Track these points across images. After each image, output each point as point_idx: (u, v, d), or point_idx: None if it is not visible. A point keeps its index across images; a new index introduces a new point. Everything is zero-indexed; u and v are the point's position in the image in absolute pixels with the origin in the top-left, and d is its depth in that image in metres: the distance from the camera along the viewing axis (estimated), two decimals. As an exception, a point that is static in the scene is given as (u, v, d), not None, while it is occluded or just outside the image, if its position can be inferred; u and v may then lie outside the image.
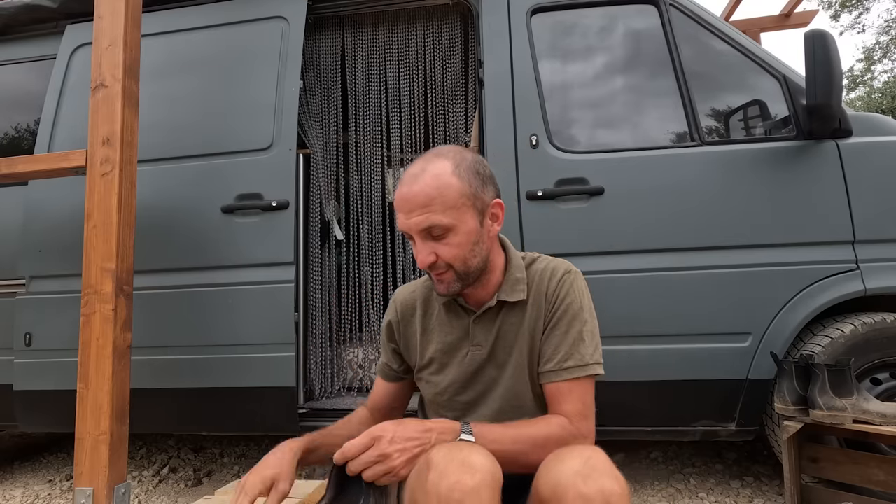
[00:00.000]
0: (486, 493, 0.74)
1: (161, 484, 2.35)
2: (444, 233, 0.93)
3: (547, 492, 0.78)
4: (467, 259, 0.95)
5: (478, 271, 0.98)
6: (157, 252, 2.09)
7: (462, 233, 0.94)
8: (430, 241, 0.94)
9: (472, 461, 0.77)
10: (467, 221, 0.94)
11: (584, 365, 0.96)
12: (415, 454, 0.82)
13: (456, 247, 0.94)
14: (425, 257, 0.93)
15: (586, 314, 1.00)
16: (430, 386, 1.08)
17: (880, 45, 15.29)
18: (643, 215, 1.89)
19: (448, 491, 0.74)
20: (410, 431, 0.84)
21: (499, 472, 0.79)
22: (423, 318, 1.11)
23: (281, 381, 2.01)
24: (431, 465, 0.78)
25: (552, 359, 0.98)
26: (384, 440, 0.82)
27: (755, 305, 1.82)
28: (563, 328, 0.99)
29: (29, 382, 2.13)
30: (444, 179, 0.92)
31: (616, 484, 0.74)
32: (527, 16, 2.09)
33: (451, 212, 0.92)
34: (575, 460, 0.78)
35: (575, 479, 0.75)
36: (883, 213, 1.81)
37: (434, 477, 0.76)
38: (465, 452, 0.79)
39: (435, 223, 0.91)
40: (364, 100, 2.54)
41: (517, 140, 1.99)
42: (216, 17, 2.28)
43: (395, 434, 0.83)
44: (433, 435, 0.85)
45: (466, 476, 0.74)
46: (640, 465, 2.29)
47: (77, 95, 2.28)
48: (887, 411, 1.55)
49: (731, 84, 1.98)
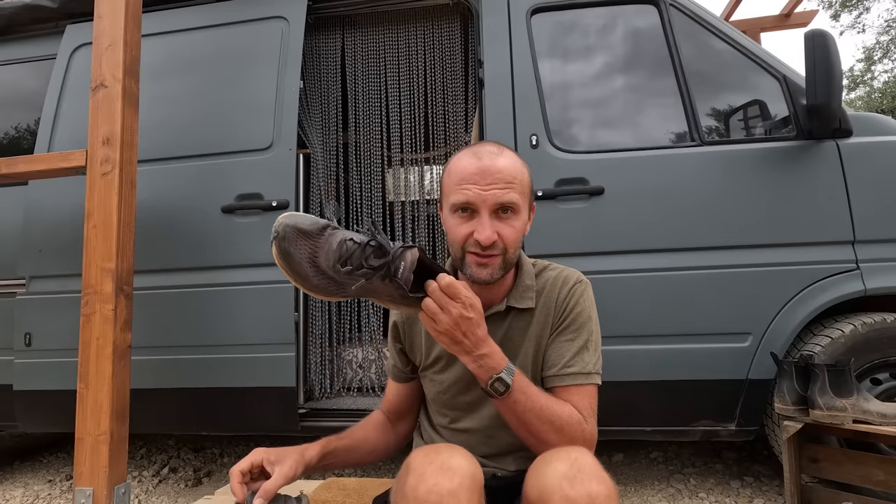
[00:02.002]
0: (465, 496, 0.74)
1: (161, 484, 2.35)
2: (512, 215, 0.94)
3: (534, 495, 0.78)
4: (517, 247, 0.97)
5: (513, 264, 1.00)
6: (157, 252, 2.09)
7: (521, 220, 0.96)
8: (495, 219, 0.94)
9: (451, 464, 0.77)
10: (525, 212, 0.98)
11: (586, 373, 0.97)
12: (455, 341, 0.85)
13: (516, 231, 0.95)
14: (491, 233, 0.92)
15: (593, 325, 1.02)
16: (434, 384, 1.08)
17: (880, 45, 15.29)
18: (643, 215, 1.89)
19: (426, 494, 0.74)
20: (473, 332, 0.85)
21: (479, 473, 0.79)
22: None
23: (281, 381, 2.01)
24: (410, 468, 0.78)
25: (556, 364, 0.99)
26: (458, 314, 0.83)
27: (755, 305, 1.82)
28: (569, 335, 1.00)
29: (29, 382, 2.13)
30: (520, 166, 0.96)
31: (602, 486, 0.74)
32: (527, 16, 2.09)
33: (523, 197, 0.95)
34: (561, 463, 0.78)
35: (561, 483, 0.75)
36: (883, 213, 1.81)
37: (412, 481, 0.76)
38: (443, 455, 0.79)
39: (513, 201, 0.93)
40: (364, 100, 2.54)
41: (517, 140, 1.99)
42: (216, 17, 2.28)
43: (466, 322, 0.84)
44: (482, 348, 0.86)
45: (444, 479, 0.75)
46: (640, 465, 2.29)
47: (77, 95, 2.27)
48: (887, 411, 1.55)
49: (731, 84, 1.98)
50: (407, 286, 0.84)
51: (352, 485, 1.48)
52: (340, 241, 0.83)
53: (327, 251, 0.82)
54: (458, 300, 0.83)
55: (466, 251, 0.95)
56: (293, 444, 1.00)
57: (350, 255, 0.82)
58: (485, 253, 0.93)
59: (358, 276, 0.82)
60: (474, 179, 0.92)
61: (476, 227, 0.92)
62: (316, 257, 0.82)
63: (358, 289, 0.84)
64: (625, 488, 2.07)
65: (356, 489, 1.40)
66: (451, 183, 0.96)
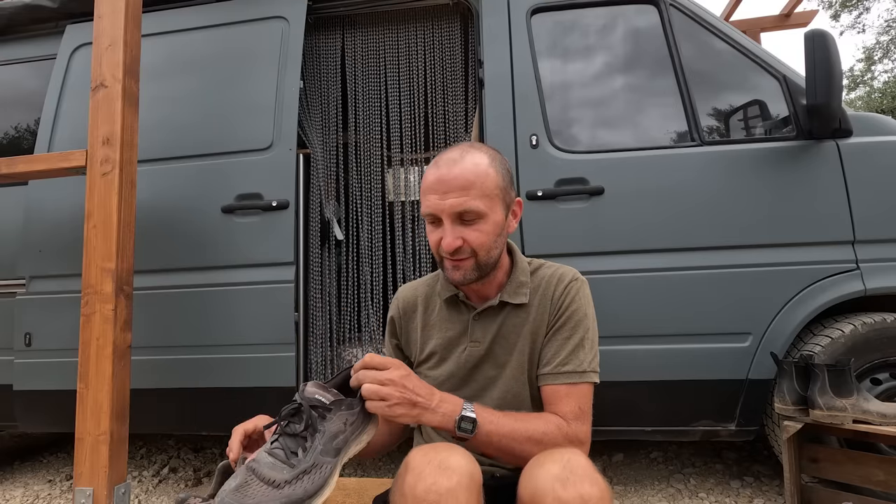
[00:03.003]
0: (463, 495, 0.75)
1: (161, 484, 2.35)
2: (476, 219, 0.95)
3: (527, 497, 0.78)
4: (490, 248, 0.98)
5: (493, 263, 1.01)
6: (157, 252, 2.09)
7: (491, 222, 0.97)
8: (459, 225, 0.95)
9: (450, 463, 0.77)
10: (497, 212, 0.98)
11: (581, 371, 0.97)
12: (412, 403, 0.85)
13: (484, 234, 0.96)
14: (453, 241, 0.94)
15: (589, 322, 1.02)
16: (429, 381, 1.08)
17: (880, 45, 15.30)
18: (643, 215, 1.89)
19: (424, 493, 0.74)
20: (421, 387, 0.87)
21: (478, 472, 0.79)
22: (424, 315, 1.12)
23: (281, 381, 2.01)
24: (409, 467, 0.79)
25: (551, 362, 0.99)
26: (398, 376, 0.85)
27: (755, 305, 1.82)
28: (565, 333, 1.00)
29: (29, 382, 2.13)
30: (483, 168, 0.96)
31: (595, 488, 0.75)
32: (527, 16, 2.09)
33: (486, 200, 0.95)
34: (554, 465, 0.78)
35: (553, 484, 0.75)
36: (883, 213, 1.81)
37: (411, 479, 0.77)
38: (442, 454, 0.79)
39: (471, 208, 0.94)
40: (364, 100, 2.54)
41: (517, 140, 1.99)
42: (216, 17, 2.28)
43: (409, 379, 0.86)
44: (436, 397, 0.88)
45: (443, 478, 0.75)
46: (640, 465, 2.29)
47: (77, 95, 2.27)
48: (887, 411, 1.55)
49: (731, 84, 1.98)
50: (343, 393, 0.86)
51: (352, 485, 1.48)
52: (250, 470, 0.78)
53: (266, 469, 0.77)
54: (385, 367, 0.86)
55: (441, 256, 0.99)
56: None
57: (282, 445, 0.79)
58: (454, 258, 0.97)
59: (314, 442, 0.80)
60: (434, 188, 0.95)
61: (442, 234, 0.96)
62: (271, 481, 0.75)
63: (328, 446, 0.80)
64: (625, 488, 2.07)
65: (356, 489, 1.40)
66: (421, 193, 0.99)
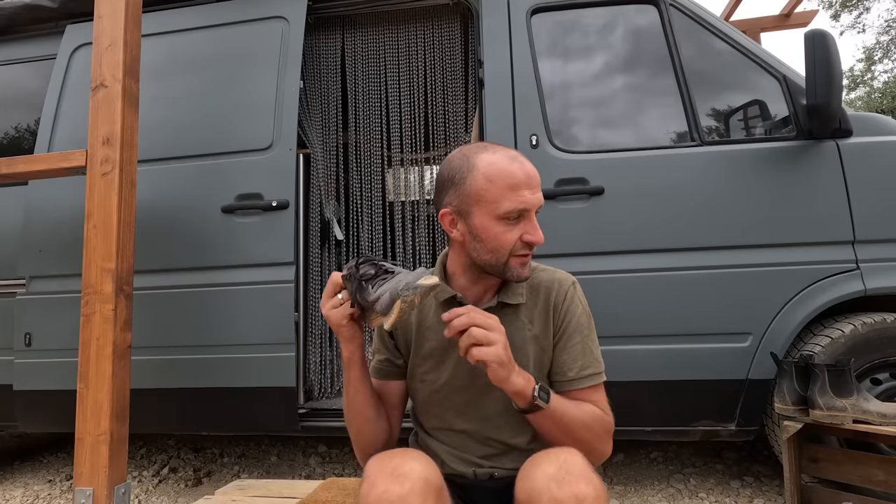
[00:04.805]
0: (416, 501, 0.75)
1: (161, 484, 2.35)
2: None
3: (523, 497, 0.79)
4: None
5: None
6: (157, 252, 2.09)
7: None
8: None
9: (403, 469, 0.78)
10: None
11: (600, 372, 1.01)
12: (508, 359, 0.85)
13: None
14: (542, 234, 0.96)
15: (591, 321, 1.05)
16: (426, 384, 1.06)
17: (880, 45, 15.28)
18: (643, 215, 1.89)
19: (376, 500, 0.76)
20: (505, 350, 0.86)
21: (434, 477, 0.80)
22: (419, 316, 1.11)
23: (281, 381, 2.01)
24: (365, 475, 0.80)
25: (572, 368, 1.00)
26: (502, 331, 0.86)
27: (755, 305, 1.82)
28: (577, 339, 1.02)
29: (29, 382, 2.13)
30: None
31: (590, 488, 0.75)
32: (527, 16, 2.09)
33: None
34: (550, 464, 0.78)
35: (549, 484, 0.75)
36: (883, 213, 1.81)
37: (365, 488, 0.78)
38: (395, 461, 0.80)
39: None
40: (364, 100, 2.54)
41: (517, 140, 1.99)
42: (216, 17, 2.28)
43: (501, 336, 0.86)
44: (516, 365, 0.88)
45: (394, 485, 0.76)
46: (640, 465, 2.29)
47: (77, 95, 2.27)
48: (887, 411, 1.55)
49: (731, 84, 1.98)
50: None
51: (352, 485, 1.48)
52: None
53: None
54: (489, 319, 0.85)
55: (513, 255, 0.95)
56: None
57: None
58: (528, 252, 0.97)
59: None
60: (527, 184, 0.93)
61: (524, 229, 0.94)
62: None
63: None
64: (625, 488, 2.07)
65: (356, 489, 1.40)
66: (495, 190, 0.92)
